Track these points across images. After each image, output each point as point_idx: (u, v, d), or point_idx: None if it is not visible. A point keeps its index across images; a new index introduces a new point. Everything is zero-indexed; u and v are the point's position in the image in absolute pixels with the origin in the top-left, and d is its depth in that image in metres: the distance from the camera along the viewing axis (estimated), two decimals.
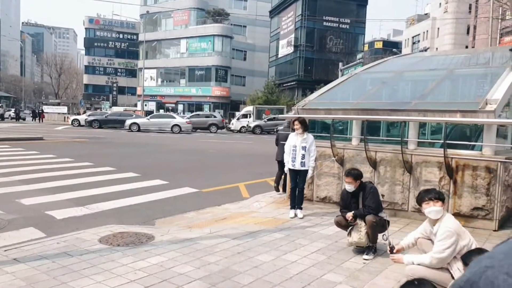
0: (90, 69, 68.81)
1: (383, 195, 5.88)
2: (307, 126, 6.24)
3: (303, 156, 6.12)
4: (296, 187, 6.28)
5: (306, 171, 6.20)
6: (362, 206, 4.68)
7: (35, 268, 3.89)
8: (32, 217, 6.08)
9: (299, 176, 6.26)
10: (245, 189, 8.90)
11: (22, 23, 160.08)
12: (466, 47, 40.71)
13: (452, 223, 3.35)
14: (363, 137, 6.56)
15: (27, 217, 6.05)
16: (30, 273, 3.78)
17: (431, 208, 3.38)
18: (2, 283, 3.55)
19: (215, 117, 32.98)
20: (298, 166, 6.16)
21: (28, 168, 10.20)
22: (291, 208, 6.39)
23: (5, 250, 4.36)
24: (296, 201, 6.32)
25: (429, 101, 6.66)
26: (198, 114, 34.05)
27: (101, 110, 46.64)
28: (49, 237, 4.98)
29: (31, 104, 78.83)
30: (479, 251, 3.01)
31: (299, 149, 6.09)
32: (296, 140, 6.14)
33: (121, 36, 69.93)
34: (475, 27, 41.07)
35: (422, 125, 6.72)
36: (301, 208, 6.33)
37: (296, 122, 6.17)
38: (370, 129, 7.00)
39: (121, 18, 68.25)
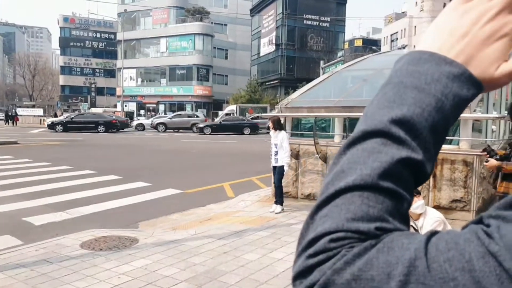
0: (66, 70, 67.23)
1: None
2: (280, 124, 6.60)
3: (276, 153, 6.52)
4: (275, 182, 6.66)
5: (281, 167, 6.52)
6: None
7: (12, 277, 3.78)
8: (8, 224, 5.90)
9: (276, 173, 6.61)
10: (230, 189, 8.88)
11: None
12: None
13: (438, 213, 3.47)
14: (345, 134, 6.65)
15: (2, 224, 5.88)
16: (7, 282, 3.68)
17: (418, 203, 3.45)
18: None
19: (197, 116, 32.74)
20: (273, 162, 6.60)
21: (3, 174, 9.90)
22: (274, 202, 6.71)
23: None
24: (277, 197, 6.66)
25: None
26: (180, 114, 33.75)
27: (79, 112, 45.71)
28: (26, 245, 4.85)
29: (3, 107, 76.46)
30: None
31: (273, 146, 6.55)
32: (272, 139, 6.59)
33: (98, 35, 68.59)
34: None
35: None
36: (278, 203, 6.60)
37: (269, 121, 6.72)
38: (352, 126, 7.08)
39: (97, 16, 66.94)
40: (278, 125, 6.51)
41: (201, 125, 28.50)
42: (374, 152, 0.45)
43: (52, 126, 27.28)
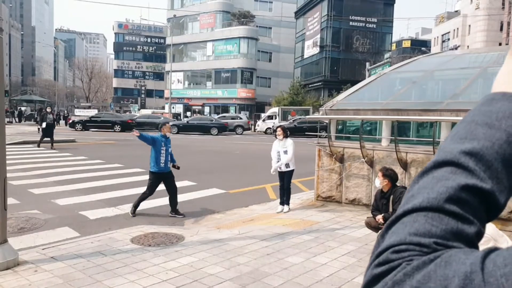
0: (119, 73, 70.64)
1: None
2: (287, 132, 7.12)
3: (279, 159, 6.93)
4: (283, 185, 7.01)
5: (291, 171, 6.93)
6: (391, 210, 4.61)
7: (71, 267, 4.02)
8: (67, 217, 6.29)
9: (285, 177, 6.94)
10: (272, 191, 8.88)
11: (56, 29, 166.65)
12: (500, 44, 39.15)
13: (491, 229, 3.21)
14: (393, 137, 6.42)
15: (62, 216, 6.28)
16: (66, 271, 3.91)
17: None
18: (40, 280, 3.69)
19: (241, 118, 33.11)
20: (283, 168, 6.93)
21: (62, 170, 10.58)
22: (280, 204, 7.06)
23: (43, 249, 4.53)
24: (285, 198, 7.01)
25: (461, 100, 6.45)
26: (225, 116, 34.33)
27: (130, 112, 47.78)
28: (83, 237, 5.14)
29: (63, 108, 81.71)
30: None
31: (282, 153, 6.90)
32: (278, 146, 6.95)
33: (149, 40, 71.42)
34: (508, 24, 39.42)
35: (454, 125, 6.52)
36: (288, 204, 7.03)
37: (278, 129, 7.10)
38: (400, 130, 6.85)
39: (148, 22, 69.77)
40: (287, 133, 7.06)
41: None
42: (443, 179, 0.49)
43: (72, 125, 28.65)
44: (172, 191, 6.64)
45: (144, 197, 6.53)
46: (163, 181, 6.60)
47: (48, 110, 16.39)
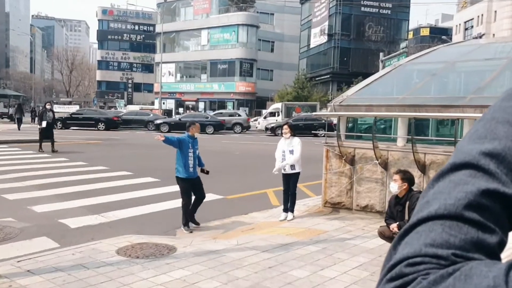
0: (103, 64, 70.74)
1: None
2: (294, 131, 7.19)
3: (284, 159, 6.92)
4: (288, 189, 6.99)
5: (297, 174, 6.94)
6: (408, 217, 4.62)
7: (50, 281, 4.03)
8: (45, 225, 6.30)
9: (290, 180, 6.95)
10: (274, 196, 8.89)
11: (32, 16, 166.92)
12: None
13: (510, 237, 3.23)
14: (410, 136, 6.43)
15: (39, 225, 6.29)
16: (45, 285, 3.92)
17: None
18: None
19: (239, 115, 33.11)
20: (288, 170, 6.93)
21: (40, 173, 10.59)
22: (283, 211, 7.03)
23: (18, 261, 4.54)
24: (289, 204, 6.99)
25: (486, 95, 6.47)
26: (221, 113, 34.31)
27: (115, 109, 47.85)
28: (63, 248, 5.15)
29: (41, 103, 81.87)
30: None
31: (287, 153, 6.89)
32: (284, 145, 6.96)
33: (136, 27, 71.53)
34: None
35: None
36: (292, 211, 6.99)
37: (285, 127, 7.15)
38: (418, 128, 6.87)
39: (136, 8, 69.92)
40: (294, 131, 7.11)
41: (158, 122, 29.08)
42: (461, 183, 0.49)
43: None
44: (201, 198, 6.56)
45: (187, 207, 6.28)
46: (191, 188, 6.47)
47: (48, 106, 15.80)
